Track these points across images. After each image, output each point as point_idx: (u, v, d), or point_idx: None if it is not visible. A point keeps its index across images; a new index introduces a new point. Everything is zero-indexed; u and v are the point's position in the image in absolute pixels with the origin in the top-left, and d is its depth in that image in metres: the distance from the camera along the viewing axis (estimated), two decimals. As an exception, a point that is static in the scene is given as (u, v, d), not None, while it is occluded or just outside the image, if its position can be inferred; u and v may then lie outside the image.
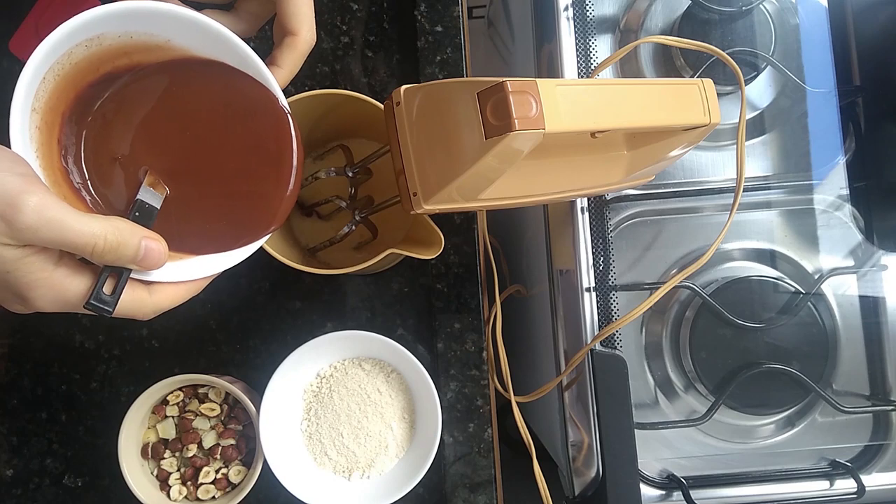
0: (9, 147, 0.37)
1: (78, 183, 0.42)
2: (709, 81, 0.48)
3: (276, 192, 0.46)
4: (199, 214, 0.45)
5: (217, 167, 0.46)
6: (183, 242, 0.44)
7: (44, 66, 0.39)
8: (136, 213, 0.41)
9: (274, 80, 0.45)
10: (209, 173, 0.46)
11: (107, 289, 0.38)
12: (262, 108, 0.45)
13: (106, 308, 0.38)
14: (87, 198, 0.42)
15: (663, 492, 0.60)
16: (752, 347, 0.60)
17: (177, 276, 0.42)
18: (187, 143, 0.45)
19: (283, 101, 0.45)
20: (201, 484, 0.56)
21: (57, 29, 0.38)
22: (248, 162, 0.46)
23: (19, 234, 0.34)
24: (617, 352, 0.59)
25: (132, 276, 0.40)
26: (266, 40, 0.63)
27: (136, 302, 0.40)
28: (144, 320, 0.41)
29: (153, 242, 0.39)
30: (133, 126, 0.44)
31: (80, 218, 0.35)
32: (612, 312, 0.60)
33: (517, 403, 0.61)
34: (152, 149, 0.44)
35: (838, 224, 0.63)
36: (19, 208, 0.33)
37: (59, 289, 0.37)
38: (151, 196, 0.43)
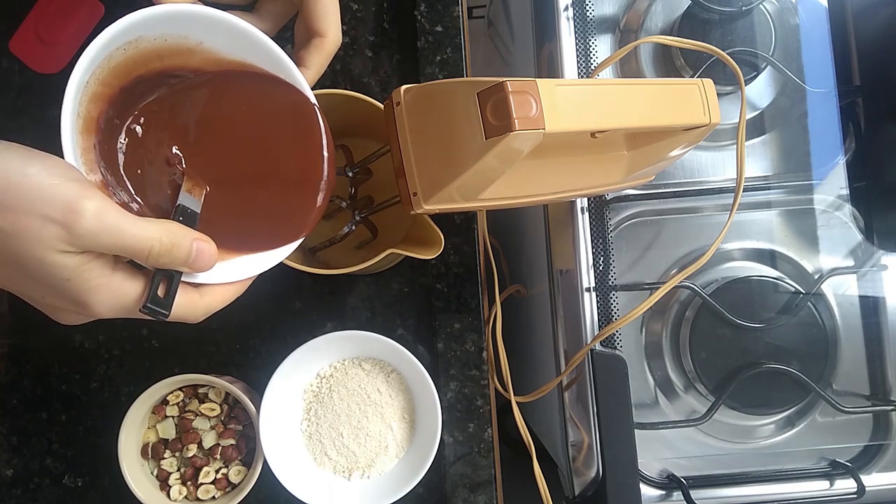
0: (59, 155, 0.37)
1: (114, 188, 0.42)
2: (709, 81, 0.48)
3: (308, 198, 0.46)
4: (236, 216, 0.45)
5: (253, 170, 0.46)
6: (223, 242, 0.44)
7: (91, 67, 0.38)
8: (180, 218, 0.41)
9: (306, 83, 0.45)
10: (246, 176, 0.46)
11: (160, 292, 0.38)
12: (296, 112, 0.46)
13: (162, 311, 0.38)
14: (131, 204, 0.42)
15: (663, 492, 0.60)
16: (752, 347, 0.60)
17: (222, 278, 0.42)
18: (224, 148, 0.46)
19: (315, 104, 0.46)
20: (201, 484, 0.56)
21: (106, 30, 0.38)
22: (283, 165, 0.46)
23: (80, 241, 0.34)
24: (617, 352, 0.59)
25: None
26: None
27: (189, 304, 0.40)
28: (195, 323, 0.41)
29: (204, 244, 0.39)
30: (168, 132, 0.44)
31: (137, 222, 0.35)
32: (612, 312, 0.60)
33: (517, 403, 0.61)
34: (189, 154, 0.44)
35: (838, 224, 0.63)
36: (80, 213, 0.33)
37: (118, 293, 0.37)
38: (191, 201, 0.43)
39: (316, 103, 0.46)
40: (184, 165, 0.44)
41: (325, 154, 0.46)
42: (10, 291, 0.37)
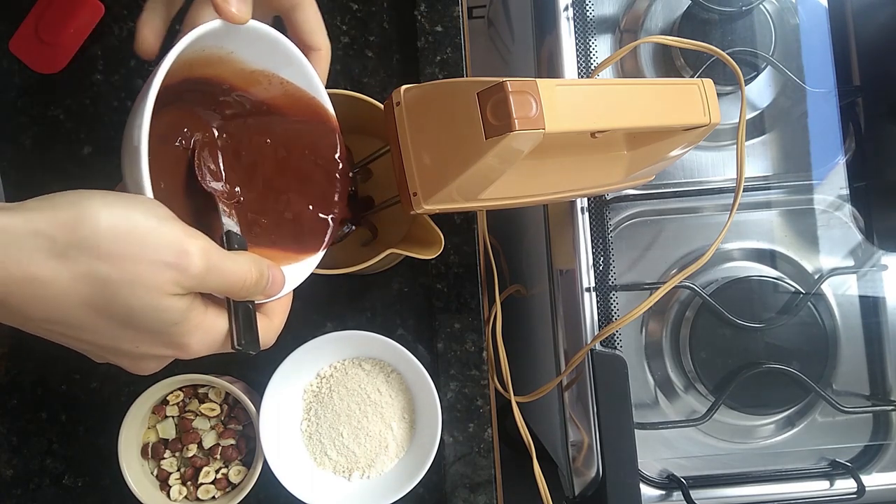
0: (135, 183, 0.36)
1: None
2: (709, 81, 0.48)
3: (327, 208, 0.48)
4: (265, 230, 0.46)
5: (278, 184, 0.47)
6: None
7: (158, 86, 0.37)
8: (235, 246, 0.41)
9: (328, 98, 0.46)
10: (272, 191, 0.47)
11: (242, 324, 0.38)
12: (319, 127, 0.47)
13: (254, 344, 0.38)
14: None
15: (663, 492, 0.60)
16: (752, 347, 0.60)
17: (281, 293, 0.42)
18: (252, 166, 0.46)
19: (335, 120, 0.47)
20: (201, 484, 0.56)
21: (180, 41, 0.37)
22: (306, 178, 0.48)
23: (191, 281, 0.33)
24: (617, 352, 0.59)
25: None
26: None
27: (266, 330, 0.40)
28: (266, 348, 0.40)
29: (277, 271, 0.39)
30: (201, 154, 0.44)
31: (231, 256, 0.35)
32: (612, 312, 0.60)
33: (517, 403, 0.61)
34: (227, 174, 0.45)
35: (838, 224, 0.63)
36: (190, 254, 0.33)
37: (213, 331, 0.37)
38: (231, 224, 0.42)
39: (337, 126, 0.47)
40: (223, 187, 0.44)
41: (339, 172, 0.48)
42: (84, 351, 0.36)
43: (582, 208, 0.61)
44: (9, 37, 0.61)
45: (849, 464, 0.61)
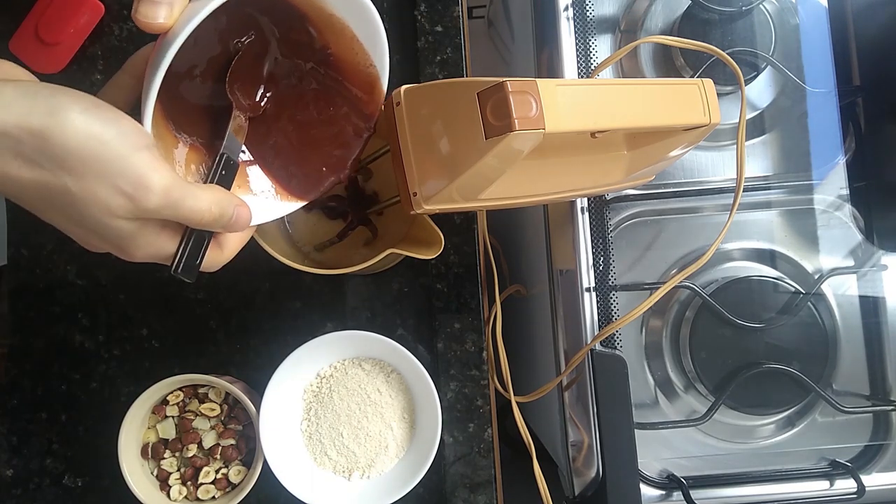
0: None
1: (174, 129, 0.43)
2: (709, 81, 0.48)
3: (335, 167, 0.49)
4: (272, 158, 0.47)
5: (303, 127, 0.48)
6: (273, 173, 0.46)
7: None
8: (223, 172, 0.42)
9: (387, 73, 0.47)
10: (296, 128, 0.48)
11: (190, 251, 0.40)
12: (365, 98, 0.48)
13: (192, 273, 0.40)
14: (185, 141, 0.44)
15: (663, 492, 0.60)
16: (752, 347, 0.60)
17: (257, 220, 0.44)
18: (288, 102, 0.48)
19: (381, 99, 0.48)
20: (201, 484, 0.56)
21: None
22: (331, 135, 0.49)
23: (143, 213, 0.36)
24: (617, 352, 0.59)
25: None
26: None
27: (212, 259, 0.42)
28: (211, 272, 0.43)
29: (243, 209, 0.41)
30: (243, 62, 0.45)
31: (194, 193, 0.37)
32: (612, 312, 0.60)
33: (517, 403, 0.61)
34: (242, 92, 0.46)
35: (838, 224, 0.63)
36: (149, 189, 0.35)
37: (159, 251, 0.39)
38: (234, 144, 0.44)
39: (381, 106, 0.48)
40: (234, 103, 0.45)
41: (362, 141, 0.49)
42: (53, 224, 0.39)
43: (582, 208, 0.61)
44: (9, 37, 0.61)
45: (849, 464, 0.61)
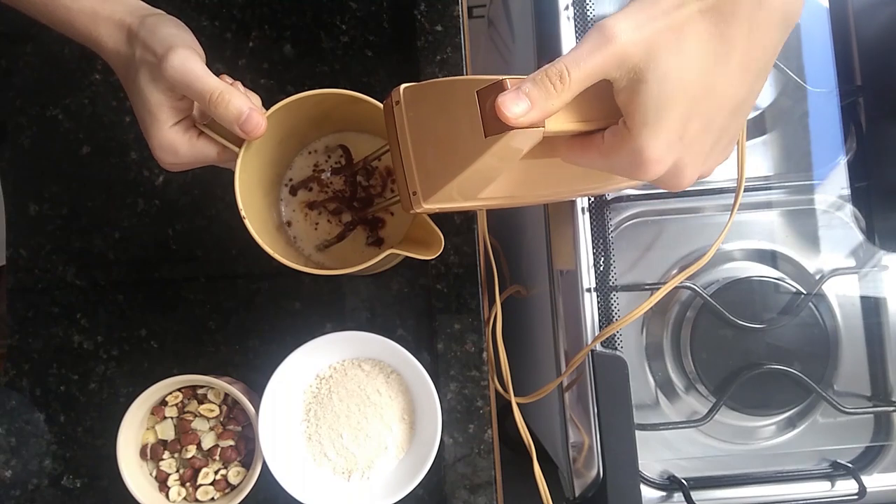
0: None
1: None
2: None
3: None
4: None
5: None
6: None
7: None
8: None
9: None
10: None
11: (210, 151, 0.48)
12: None
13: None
14: None
15: (664, 493, 0.60)
16: (753, 348, 0.60)
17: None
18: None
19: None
20: (200, 485, 0.56)
21: None
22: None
23: (163, 75, 0.43)
24: (617, 352, 0.59)
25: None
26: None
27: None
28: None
29: (256, 113, 0.46)
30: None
31: (209, 75, 0.44)
32: (613, 313, 0.60)
33: (517, 404, 0.61)
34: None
35: (839, 224, 0.63)
36: (175, 53, 0.43)
37: (171, 138, 0.46)
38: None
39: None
40: None
41: None
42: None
43: (582, 208, 0.60)
44: (9, 36, 0.61)
45: (850, 465, 0.60)
